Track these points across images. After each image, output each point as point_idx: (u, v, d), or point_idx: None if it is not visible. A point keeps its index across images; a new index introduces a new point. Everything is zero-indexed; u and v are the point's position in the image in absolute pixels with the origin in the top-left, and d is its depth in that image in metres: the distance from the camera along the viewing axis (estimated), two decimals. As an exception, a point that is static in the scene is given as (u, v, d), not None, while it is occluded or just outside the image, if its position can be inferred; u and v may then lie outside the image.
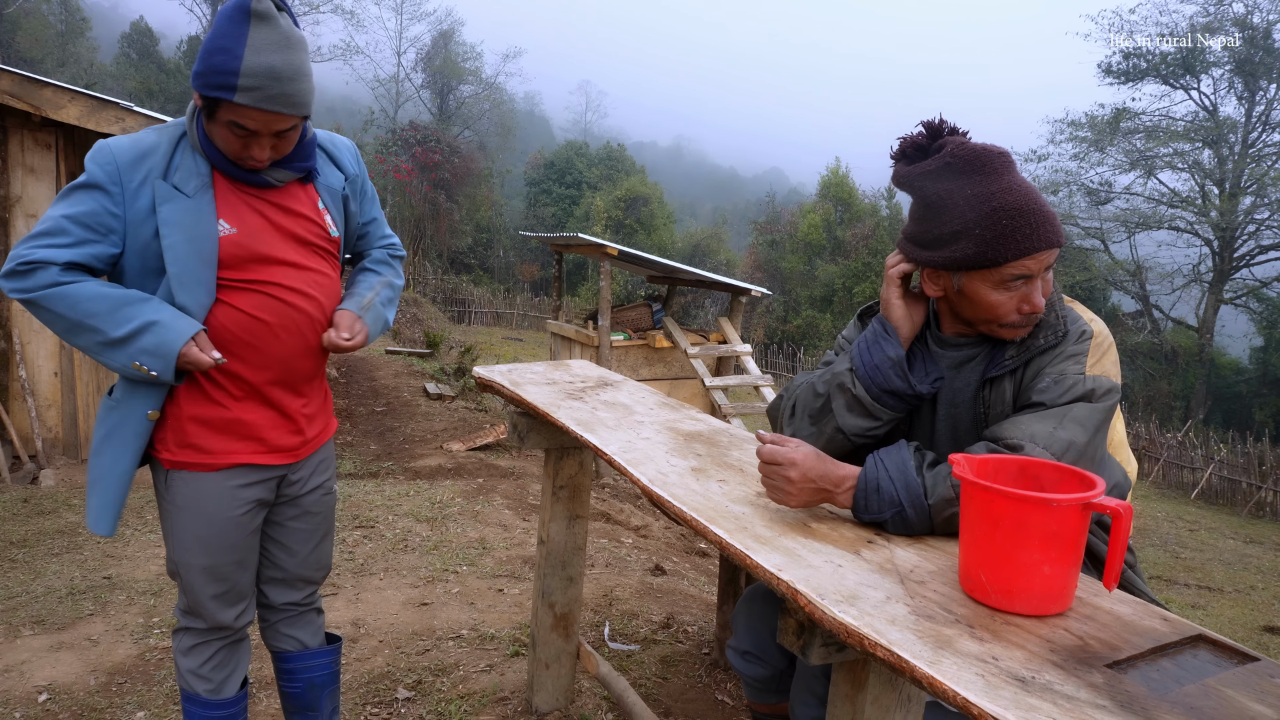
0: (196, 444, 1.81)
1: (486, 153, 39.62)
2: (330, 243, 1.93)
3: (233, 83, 1.61)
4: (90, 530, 1.84)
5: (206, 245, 1.73)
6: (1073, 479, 1.25)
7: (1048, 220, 1.48)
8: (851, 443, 1.64)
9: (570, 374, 2.71)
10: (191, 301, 1.73)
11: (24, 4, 34.46)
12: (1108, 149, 27.81)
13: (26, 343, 5.90)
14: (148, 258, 1.73)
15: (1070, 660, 1.05)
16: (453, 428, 8.10)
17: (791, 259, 30.95)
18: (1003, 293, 1.50)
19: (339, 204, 1.96)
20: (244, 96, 1.61)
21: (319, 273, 1.89)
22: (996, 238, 1.46)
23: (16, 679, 2.88)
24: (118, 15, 60.01)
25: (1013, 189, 1.47)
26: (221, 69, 1.61)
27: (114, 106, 5.53)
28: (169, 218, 1.71)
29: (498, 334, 25.92)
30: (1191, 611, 8.97)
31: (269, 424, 1.87)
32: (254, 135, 1.69)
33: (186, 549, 1.85)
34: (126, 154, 1.71)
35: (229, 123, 1.67)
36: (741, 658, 1.91)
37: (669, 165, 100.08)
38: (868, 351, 1.62)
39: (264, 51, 1.62)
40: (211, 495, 1.83)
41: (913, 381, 1.58)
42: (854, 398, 1.61)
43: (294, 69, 1.66)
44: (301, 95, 1.68)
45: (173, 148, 1.75)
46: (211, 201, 1.75)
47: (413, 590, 3.75)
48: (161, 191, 1.71)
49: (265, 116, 1.66)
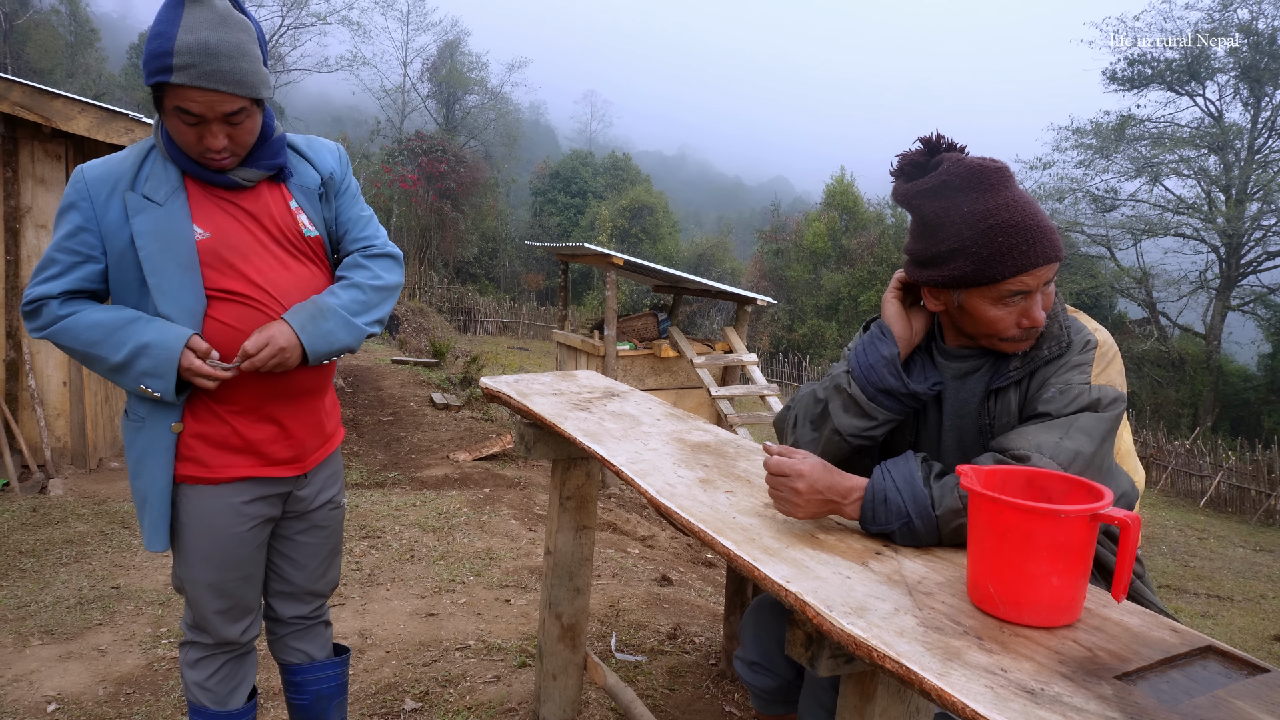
0: (198, 458, 1.81)
1: (492, 162, 39.77)
2: (307, 242, 1.87)
3: (168, 63, 1.59)
4: (148, 550, 1.86)
5: (184, 249, 1.72)
6: (1080, 490, 1.25)
7: (1045, 235, 1.47)
8: (849, 444, 1.64)
9: (577, 384, 2.72)
10: (175, 309, 1.72)
11: (34, 15, 34.71)
12: (1113, 156, 27.76)
13: (36, 353, 5.93)
14: (125, 268, 1.73)
15: (1079, 672, 1.05)
16: (459, 437, 8.11)
17: (797, 268, 30.95)
18: (1001, 308, 1.51)
19: (315, 203, 1.90)
20: (180, 75, 1.59)
21: (300, 273, 1.85)
22: (993, 255, 1.46)
23: (25, 689, 2.89)
24: (126, 26, 60.41)
25: (1009, 205, 1.47)
26: (157, 52, 1.60)
27: (123, 118, 5.57)
28: (142, 228, 1.71)
29: (503, 343, 25.95)
30: (1201, 620, 8.92)
31: (268, 438, 1.85)
32: (203, 122, 1.66)
33: (191, 565, 1.85)
34: (94, 170, 1.74)
35: (175, 110, 1.64)
36: (749, 668, 1.91)
37: (674, 174, 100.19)
38: (864, 352, 1.63)
39: (197, 30, 1.60)
40: (217, 511, 1.83)
41: (907, 380, 1.58)
42: (850, 397, 1.62)
43: (230, 46, 1.63)
44: (241, 74, 1.64)
45: (141, 159, 1.76)
46: (184, 206, 1.74)
47: (420, 601, 3.75)
48: (133, 203, 1.71)
49: (206, 96, 1.62)
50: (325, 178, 1.92)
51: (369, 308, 1.88)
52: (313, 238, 1.89)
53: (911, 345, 1.63)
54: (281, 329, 1.75)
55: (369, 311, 1.88)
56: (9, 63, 30.73)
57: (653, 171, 49.75)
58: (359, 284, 1.88)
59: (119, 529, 4.75)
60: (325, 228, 1.93)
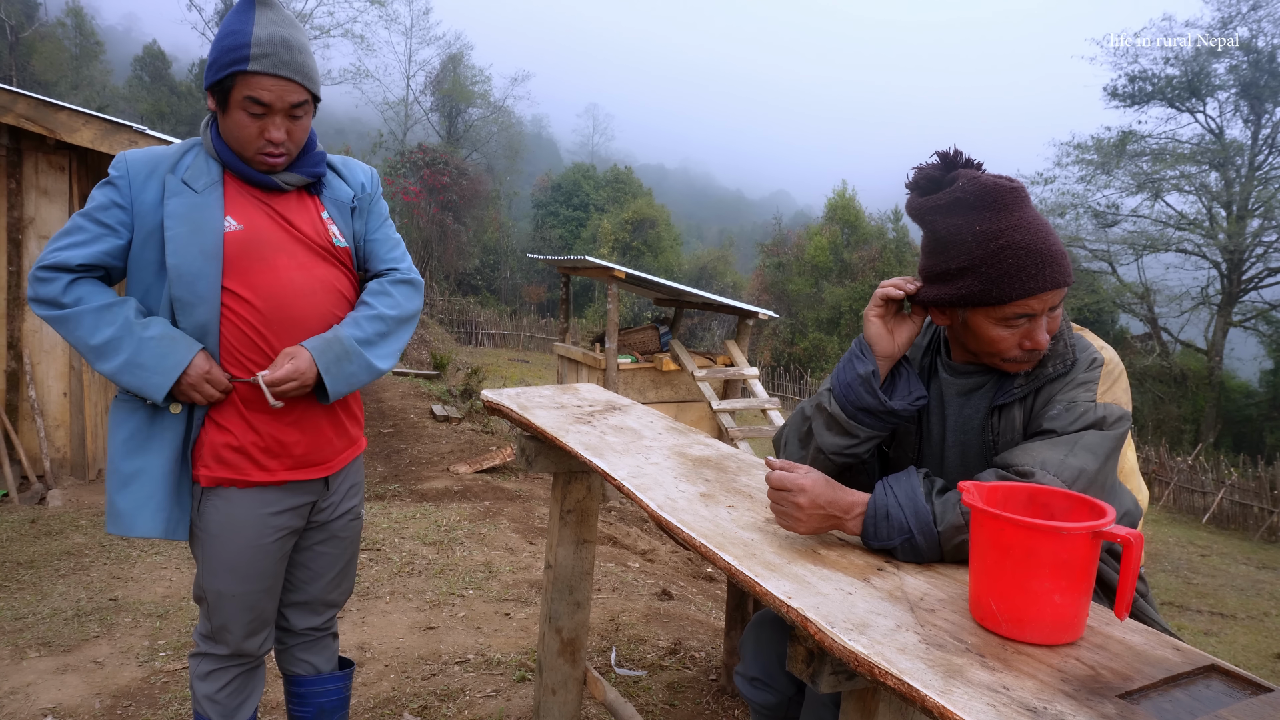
0: (224, 460, 1.82)
1: (494, 175, 39.93)
2: (335, 250, 1.92)
3: (245, 53, 1.71)
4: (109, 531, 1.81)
5: (210, 239, 1.76)
6: (1083, 507, 1.24)
7: (1054, 260, 1.46)
8: (832, 462, 1.63)
9: (578, 398, 2.72)
10: (188, 294, 1.75)
11: (40, 28, 34.94)
12: (1114, 171, 27.85)
13: (36, 363, 5.94)
14: (149, 248, 1.76)
15: (1082, 690, 1.05)
16: (459, 450, 8.10)
17: (798, 281, 31.00)
18: (1005, 329, 1.50)
19: (346, 216, 1.96)
20: (257, 64, 1.71)
21: (324, 276, 1.88)
22: (1001, 276, 1.46)
23: (22, 701, 2.88)
24: (131, 39, 60.82)
25: (1021, 227, 1.46)
26: (234, 46, 1.72)
27: (127, 130, 5.59)
28: (175, 210, 1.76)
29: (504, 356, 25.96)
30: (1204, 638, 8.88)
31: (293, 440, 1.86)
32: (268, 113, 1.76)
33: (218, 576, 1.85)
34: (137, 154, 1.81)
35: (244, 101, 1.73)
36: (749, 684, 1.90)
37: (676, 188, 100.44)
38: (843, 370, 1.62)
39: (271, 26, 1.74)
40: (244, 522, 1.83)
41: (883, 398, 1.56)
42: (831, 416, 1.61)
43: (300, 43, 1.77)
44: (309, 69, 1.78)
45: (185, 151, 1.84)
46: (220, 199, 1.79)
47: (419, 614, 3.74)
48: (171, 185, 1.77)
49: (278, 84, 1.74)
50: (357, 192, 2.00)
51: (389, 339, 1.94)
52: (341, 248, 1.93)
53: (894, 359, 1.61)
54: (309, 362, 1.78)
55: (389, 342, 1.93)
56: (14, 75, 30.89)
57: (655, 185, 49.92)
58: (382, 315, 1.92)
59: (117, 541, 4.73)
60: (354, 242, 1.98)
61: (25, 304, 5.87)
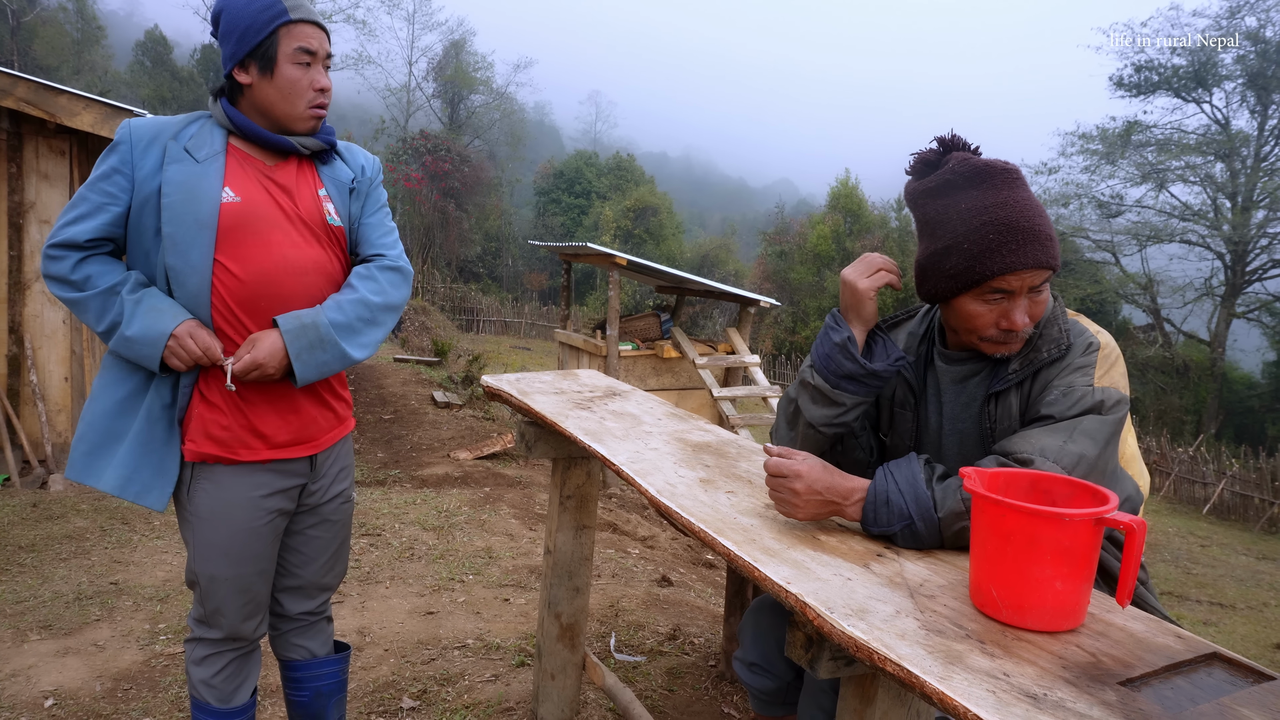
0: (213, 435, 1.81)
1: (496, 162, 39.80)
2: (329, 230, 1.91)
3: (283, 6, 1.78)
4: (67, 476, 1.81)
5: (206, 208, 1.76)
6: (1084, 493, 1.24)
7: (1038, 240, 1.45)
8: (823, 435, 1.64)
9: (578, 384, 2.71)
10: (181, 263, 1.75)
11: (41, 12, 34.80)
12: (1119, 161, 27.73)
13: (38, 348, 5.93)
14: (146, 214, 1.77)
15: (1083, 677, 1.04)
16: (460, 436, 8.10)
17: (800, 270, 30.93)
18: (980, 304, 1.50)
19: (344, 196, 1.96)
20: (296, 13, 1.79)
21: (315, 255, 1.87)
22: (982, 251, 1.45)
23: (23, 684, 2.89)
24: (133, 24, 60.59)
25: (1008, 203, 1.45)
26: (266, 5, 1.78)
27: (128, 114, 5.56)
28: (173, 177, 1.76)
29: (506, 343, 25.96)
30: (1204, 628, 8.89)
31: (274, 416, 1.85)
32: (315, 60, 1.83)
33: (210, 560, 1.84)
34: (141, 121, 1.83)
35: (296, 51, 1.79)
36: (748, 670, 1.90)
37: (678, 176, 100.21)
38: (820, 343, 1.65)
39: None
40: (235, 505, 1.83)
41: (863, 362, 1.57)
42: (815, 389, 1.63)
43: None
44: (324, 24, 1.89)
45: (190, 121, 1.86)
46: (220, 170, 1.80)
47: (419, 599, 3.74)
48: (172, 151, 1.78)
49: (319, 32, 1.83)
50: (357, 174, 2.01)
51: (370, 327, 1.90)
52: (335, 227, 1.93)
53: (869, 325, 1.63)
54: (275, 349, 1.77)
55: (369, 330, 1.90)
56: (16, 59, 30.81)
57: (657, 172, 49.83)
58: (366, 300, 1.89)
59: (118, 525, 4.74)
60: (348, 224, 1.98)
61: (26, 289, 5.86)
